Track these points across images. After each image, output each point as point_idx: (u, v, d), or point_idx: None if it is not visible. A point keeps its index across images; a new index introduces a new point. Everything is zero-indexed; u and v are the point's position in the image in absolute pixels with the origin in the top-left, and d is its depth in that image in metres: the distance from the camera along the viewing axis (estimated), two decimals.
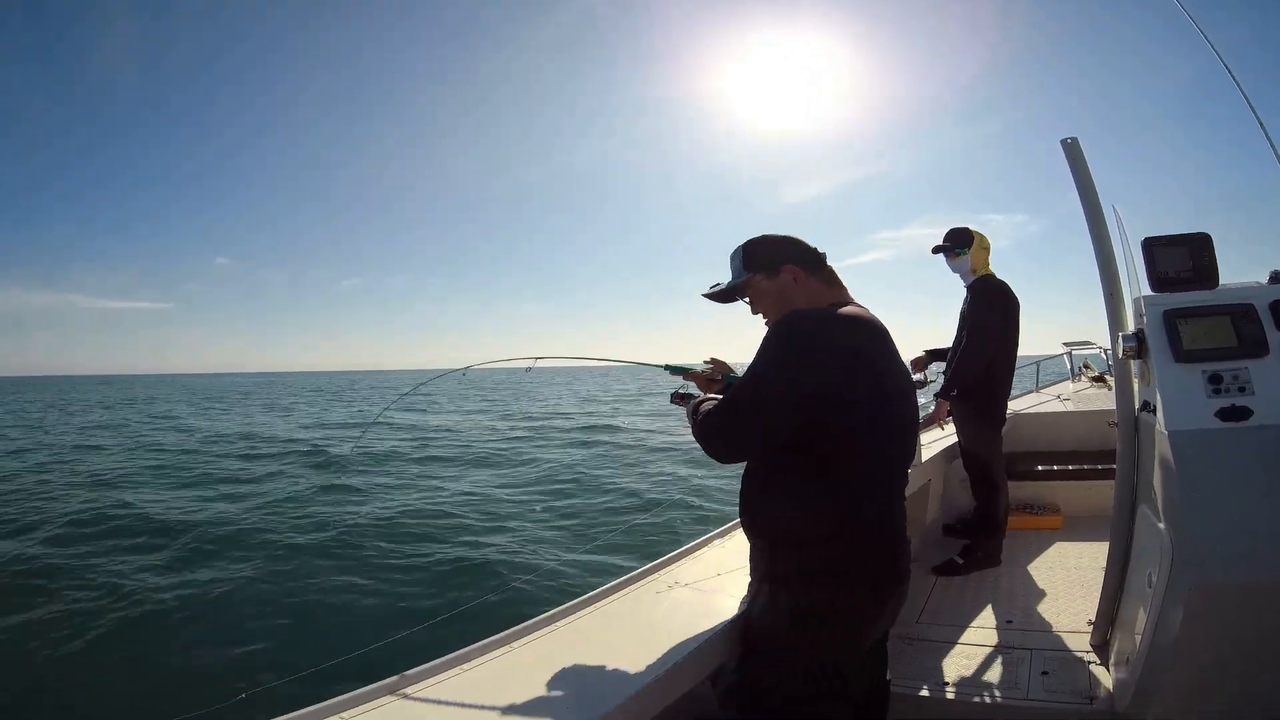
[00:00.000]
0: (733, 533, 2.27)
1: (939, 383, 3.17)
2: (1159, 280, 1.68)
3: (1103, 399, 5.17)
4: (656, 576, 1.94)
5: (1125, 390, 1.93)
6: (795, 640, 1.35)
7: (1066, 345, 8.05)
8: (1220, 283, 1.66)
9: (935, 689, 2.09)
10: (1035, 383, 6.78)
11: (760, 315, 1.53)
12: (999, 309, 3.09)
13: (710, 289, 1.60)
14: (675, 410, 1.74)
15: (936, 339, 3.28)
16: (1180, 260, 1.66)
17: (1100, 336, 6.37)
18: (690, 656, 1.39)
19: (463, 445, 15.53)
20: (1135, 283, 1.82)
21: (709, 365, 1.81)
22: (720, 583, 1.82)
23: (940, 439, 3.53)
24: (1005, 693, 2.03)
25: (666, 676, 1.32)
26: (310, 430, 20.75)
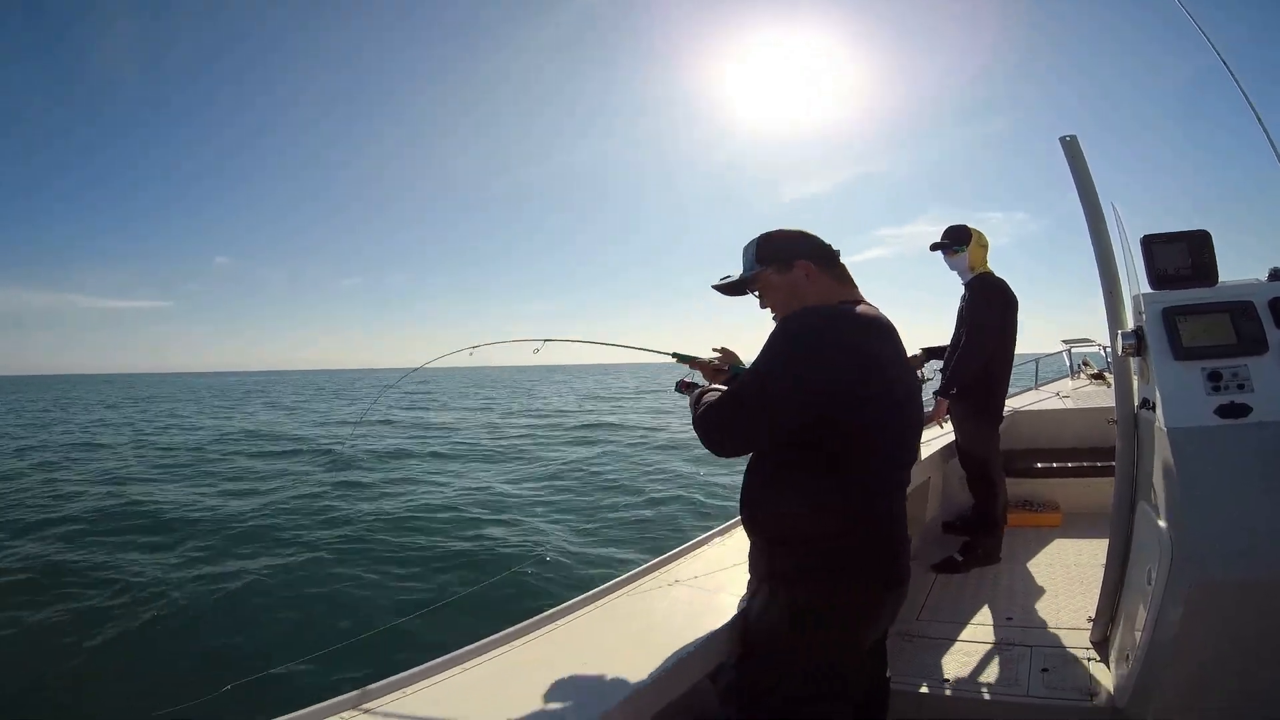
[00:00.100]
0: (733, 530, 2.27)
1: (936, 381, 3.17)
2: (1158, 277, 1.67)
3: (1102, 396, 5.16)
4: (656, 574, 1.94)
5: (1124, 387, 1.93)
6: (794, 640, 1.34)
7: (1065, 343, 8.05)
8: (1220, 280, 1.66)
9: (935, 686, 2.09)
10: (1034, 380, 6.78)
11: (768, 310, 1.51)
12: (997, 307, 3.08)
13: (720, 280, 1.57)
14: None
15: (938, 337, 3.28)
16: (1179, 257, 1.65)
17: (1099, 334, 6.36)
18: (690, 655, 1.39)
19: (466, 443, 15.56)
20: (1134, 280, 1.81)
21: (717, 355, 1.79)
22: (720, 581, 1.82)
23: (939, 436, 3.53)
24: (1005, 690, 2.03)
25: (666, 675, 1.32)
26: (313, 427, 20.77)
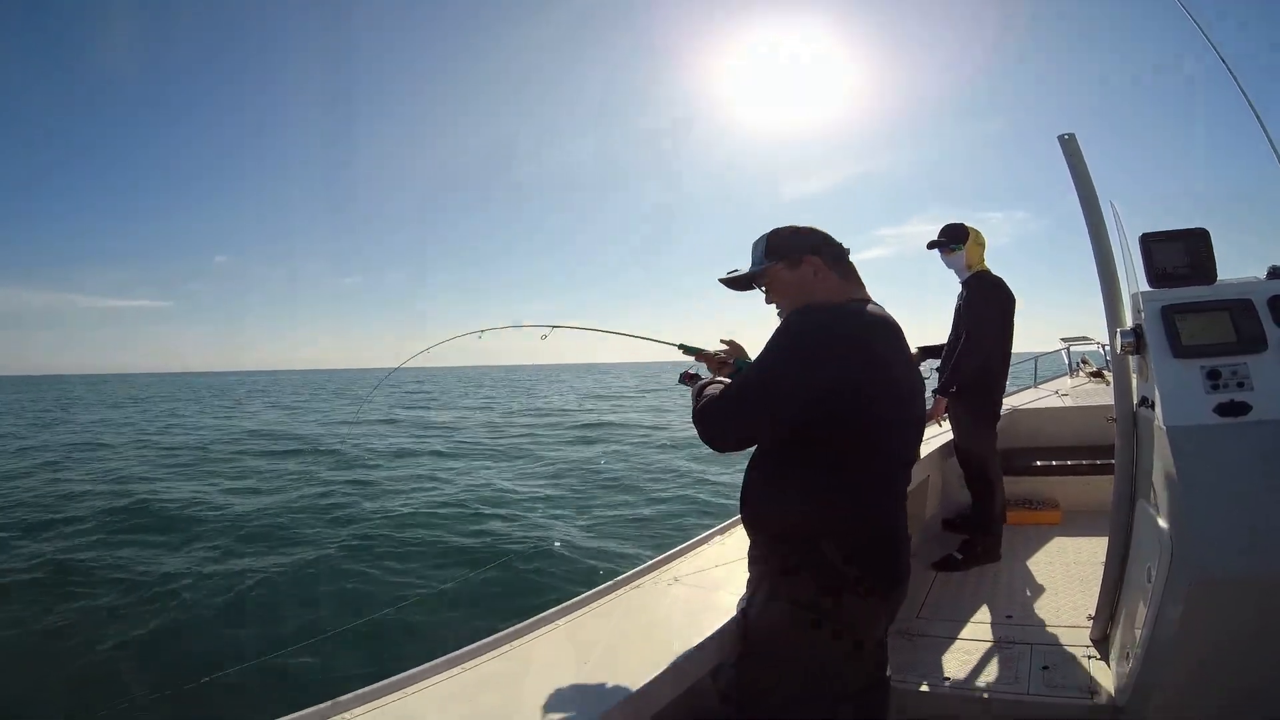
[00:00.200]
0: (733, 529, 2.27)
1: (933, 379, 3.17)
2: (1157, 276, 1.67)
3: (1101, 394, 5.16)
4: (657, 573, 1.95)
5: (1124, 386, 1.92)
6: (795, 639, 1.33)
7: (1064, 341, 8.04)
8: (1219, 278, 1.65)
9: (935, 684, 2.09)
10: (1034, 378, 6.78)
11: (773, 306, 1.50)
12: (995, 305, 3.08)
13: (728, 274, 1.57)
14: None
15: (936, 336, 3.28)
16: (1178, 255, 1.65)
17: (1098, 332, 6.36)
18: (690, 654, 1.39)
19: (467, 442, 15.59)
20: (1133, 278, 1.81)
21: (723, 348, 1.79)
22: (720, 579, 1.82)
23: (939, 434, 3.54)
24: (1005, 688, 2.03)
25: (666, 674, 1.32)
26: (315, 426, 20.77)
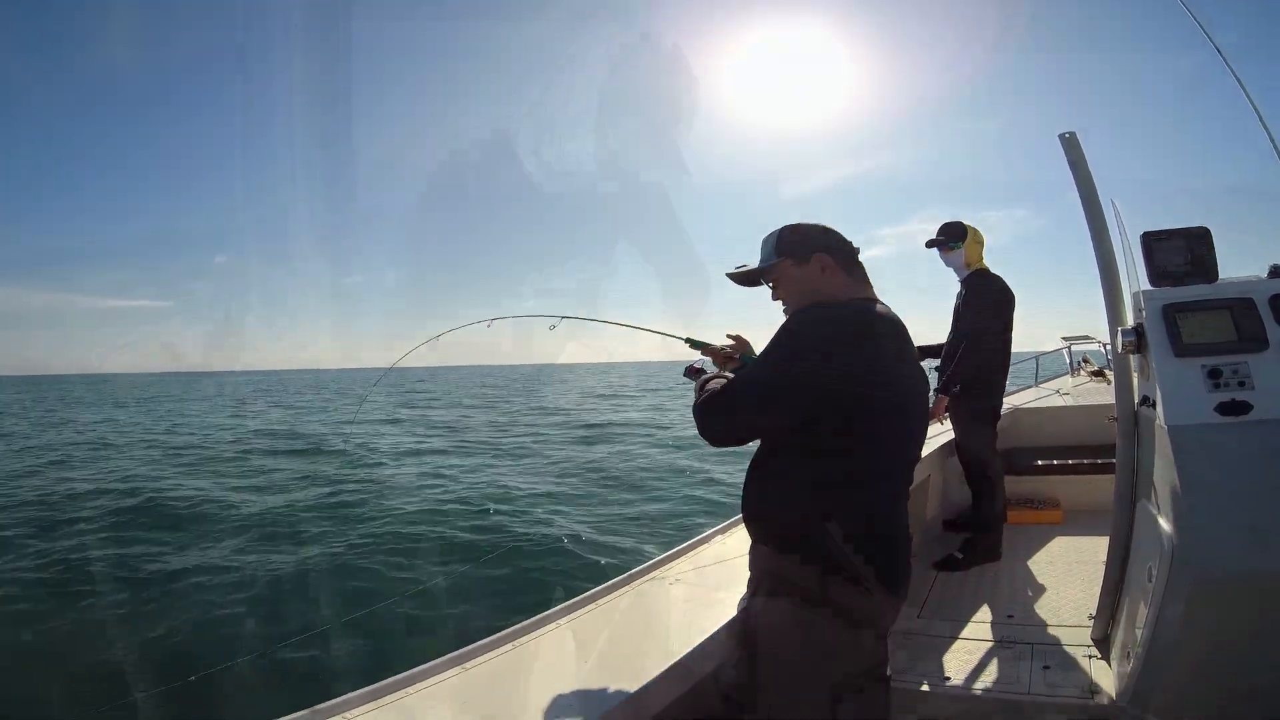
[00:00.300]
0: (734, 528, 2.27)
1: (932, 379, 3.16)
2: (1158, 274, 1.67)
3: (1102, 393, 5.15)
4: (656, 573, 1.95)
5: (1125, 385, 1.92)
6: (796, 639, 1.32)
7: (1065, 340, 8.02)
8: (1220, 277, 1.65)
9: (936, 684, 2.08)
10: (1035, 378, 6.77)
11: (780, 302, 1.50)
12: (994, 304, 3.08)
13: (736, 269, 1.56)
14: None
15: (935, 336, 3.28)
16: (1179, 254, 1.65)
17: (1100, 331, 6.36)
18: (691, 654, 1.39)
19: (469, 441, 15.59)
20: (1135, 277, 1.81)
21: (730, 343, 1.79)
22: (720, 579, 1.82)
23: (940, 434, 3.54)
24: (1006, 687, 2.03)
25: (666, 675, 1.32)
26: (319, 425, 20.78)
